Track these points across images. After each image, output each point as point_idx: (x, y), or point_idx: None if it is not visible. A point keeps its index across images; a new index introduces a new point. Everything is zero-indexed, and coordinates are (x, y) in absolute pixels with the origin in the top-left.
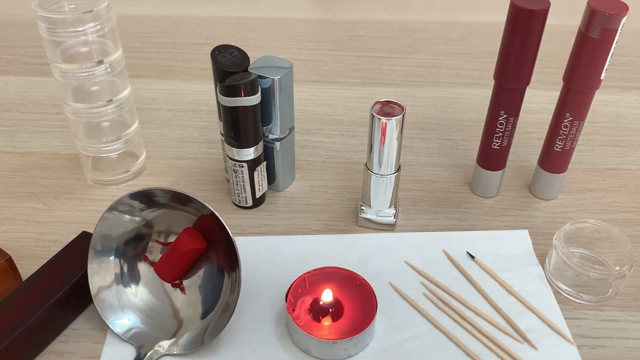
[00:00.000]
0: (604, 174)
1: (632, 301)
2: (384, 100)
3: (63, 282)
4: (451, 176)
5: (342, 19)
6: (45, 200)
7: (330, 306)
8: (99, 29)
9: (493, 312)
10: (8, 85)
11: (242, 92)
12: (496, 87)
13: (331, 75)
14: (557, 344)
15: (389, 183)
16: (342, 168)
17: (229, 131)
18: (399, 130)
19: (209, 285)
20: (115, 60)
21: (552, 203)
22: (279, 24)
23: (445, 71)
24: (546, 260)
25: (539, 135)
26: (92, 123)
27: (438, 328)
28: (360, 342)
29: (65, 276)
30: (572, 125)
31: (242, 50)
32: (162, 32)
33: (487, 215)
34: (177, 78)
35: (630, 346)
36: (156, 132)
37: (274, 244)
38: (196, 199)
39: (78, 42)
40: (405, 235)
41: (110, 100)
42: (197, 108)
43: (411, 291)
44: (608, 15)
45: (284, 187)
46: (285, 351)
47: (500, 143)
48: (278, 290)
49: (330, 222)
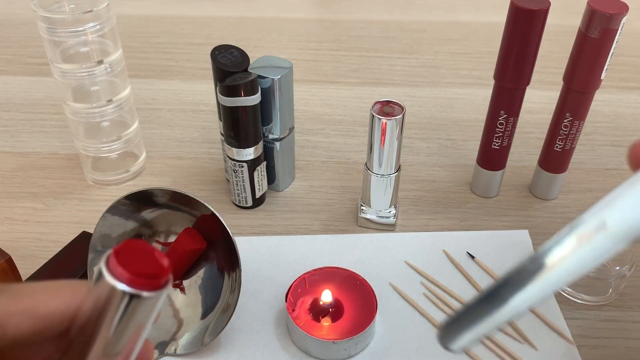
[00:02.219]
0: (604, 174)
1: (632, 301)
2: (384, 100)
3: None
4: (451, 176)
5: (342, 18)
6: (45, 200)
7: (330, 306)
8: (99, 29)
9: None
10: (8, 85)
11: (242, 92)
12: (496, 87)
13: (331, 75)
14: (557, 344)
15: (389, 183)
16: (342, 168)
17: (229, 131)
18: (399, 130)
19: (209, 285)
20: (115, 60)
21: (552, 203)
22: (279, 23)
23: (445, 71)
24: None
25: (539, 135)
26: (92, 123)
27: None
28: (360, 342)
29: (65, 276)
30: (572, 125)
31: (242, 50)
32: (162, 32)
33: (487, 216)
34: (177, 78)
35: (631, 346)
36: (156, 132)
37: (274, 244)
38: (196, 199)
39: (78, 42)
40: (405, 235)
41: (110, 100)
42: (197, 108)
43: (411, 291)
44: (608, 15)
45: (284, 187)
46: (285, 351)
47: (500, 143)
48: (278, 290)
49: (330, 222)
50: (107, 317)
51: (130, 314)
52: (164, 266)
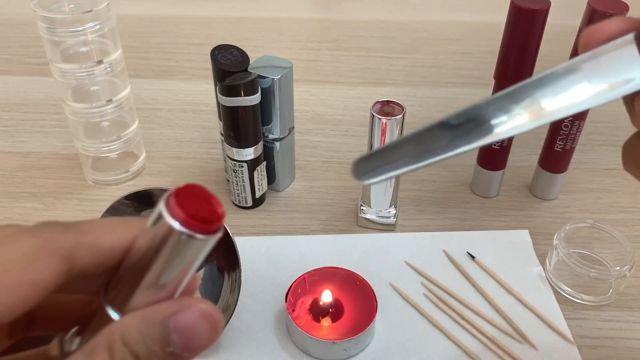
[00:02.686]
0: (605, 173)
1: (633, 301)
2: (384, 100)
3: None
4: (451, 176)
5: (342, 18)
6: (45, 200)
7: (330, 306)
8: (99, 28)
9: (493, 312)
10: (8, 85)
11: (242, 92)
12: (496, 87)
13: (331, 75)
14: (557, 344)
15: (389, 183)
16: (342, 168)
17: (228, 131)
18: (399, 130)
19: (209, 285)
20: (114, 60)
21: (553, 203)
22: (279, 23)
23: (445, 71)
24: (546, 261)
25: (539, 135)
26: (92, 123)
27: (438, 328)
28: (360, 343)
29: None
30: (573, 125)
31: (242, 50)
32: (162, 31)
33: (487, 215)
34: (176, 78)
35: (631, 346)
36: (156, 132)
37: (274, 244)
38: None
39: (78, 42)
40: (405, 236)
41: (110, 100)
42: (197, 108)
43: (411, 291)
44: (608, 15)
45: (284, 187)
46: (285, 352)
47: (500, 143)
48: (278, 291)
49: (330, 222)
50: (161, 253)
51: (182, 253)
52: (218, 213)
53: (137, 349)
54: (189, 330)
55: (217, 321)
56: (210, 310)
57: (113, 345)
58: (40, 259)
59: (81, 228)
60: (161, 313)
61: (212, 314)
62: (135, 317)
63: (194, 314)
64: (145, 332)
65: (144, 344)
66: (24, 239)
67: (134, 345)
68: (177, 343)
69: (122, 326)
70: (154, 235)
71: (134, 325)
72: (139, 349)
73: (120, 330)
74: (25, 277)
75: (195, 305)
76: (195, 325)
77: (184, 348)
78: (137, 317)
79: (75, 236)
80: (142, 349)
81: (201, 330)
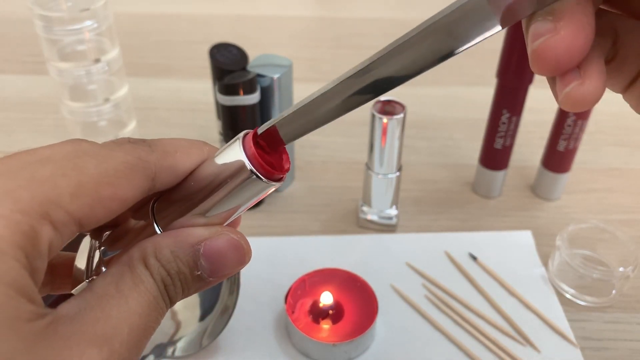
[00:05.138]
0: (608, 174)
1: (636, 303)
2: (385, 99)
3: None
4: (453, 176)
5: (342, 16)
6: None
7: (330, 308)
8: (96, 27)
9: (495, 314)
10: (4, 84)
11: (240, 91)
12: (499, 85)
13: (331, 73)
14: (560, 346)
15: (389, 183)
16: (342, 168)
17: (227, 130)
18: (400, 129)
19: None
20: (112, 59)
21: (556, 203)
22: (278, 21)
23: (446, 70)
24: (549, 262)
25: (542, 134)
26: (89, 122)
27: (440, 330)
28: (361, 345)
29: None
30: (576, 125)
31: (241, 48)
32: (160, 30)
33: (489, 216)
34: (175, 77)
35: (634, 348)
36: (154, 132)
37: (273, 245)
38: None
39: (75, 41)
40: (406, 236)
41: (108, 99)
42: (195, 107)
43: (412, 293)
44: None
45: (283, 187)
46: (285, 354)
47: (502, 142)
48: (277, 292)
49: (331, 222)
50: (225, 186)
51: (243, 191)
52: (284, 166)
53: (168, 268)
54: (216, 257)
55: (246, 252)
56: (240, 241)
57: (147, 259)
58: (131, 178)
59: (164, 149)
60: (193, 237)
61: (242, 245)
62: (169, 236)
63: (224, 242)
64: (176, 252)
65: (175, 263)
66: (118, 156)
67: (165, 264)
68: (205, 268)
69: (156, 243)
70: (222, 167)
71: (167, 245)
72: (170, 267)
73: (154, 246)
74: (117, 192)
75: (226, 234)
76: (224, 253)
77: (210, 273)
78: (170, 237)
79: (159, 158)
80: (173, 267)
81: (228, 258)
